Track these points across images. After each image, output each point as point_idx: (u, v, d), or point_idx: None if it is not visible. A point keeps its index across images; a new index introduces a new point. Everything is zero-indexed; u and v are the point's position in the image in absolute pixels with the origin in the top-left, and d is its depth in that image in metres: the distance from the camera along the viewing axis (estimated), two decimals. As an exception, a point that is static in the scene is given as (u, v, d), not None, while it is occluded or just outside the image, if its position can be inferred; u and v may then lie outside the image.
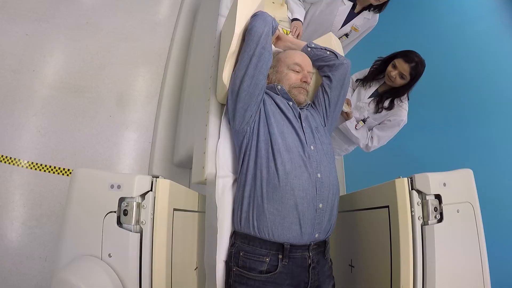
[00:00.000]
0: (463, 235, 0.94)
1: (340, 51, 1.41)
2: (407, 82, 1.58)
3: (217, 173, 1.10)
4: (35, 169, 1.79)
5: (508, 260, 1.63)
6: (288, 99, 1.19)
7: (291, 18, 1.79)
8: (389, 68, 1.61)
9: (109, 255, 0.77)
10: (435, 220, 0.92)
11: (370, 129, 1.78)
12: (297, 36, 1.71)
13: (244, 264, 0.98)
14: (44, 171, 1.80)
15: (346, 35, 1.94)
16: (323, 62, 1.31)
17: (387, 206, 1.02)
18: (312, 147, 1.09)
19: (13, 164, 1.76)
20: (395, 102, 1.65)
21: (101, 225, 0.78)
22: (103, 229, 0.78)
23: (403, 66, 1.54)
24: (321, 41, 1.45)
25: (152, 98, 2.18)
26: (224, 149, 1.15)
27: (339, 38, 1.90)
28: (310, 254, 1.00)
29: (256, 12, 1.15)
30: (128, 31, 2.30)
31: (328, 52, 1.30)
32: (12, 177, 1.74)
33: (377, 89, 1.74)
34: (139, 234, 0.80)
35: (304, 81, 1.22)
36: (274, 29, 1.18)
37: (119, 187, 0.80)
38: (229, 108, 1.12)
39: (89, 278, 0.70)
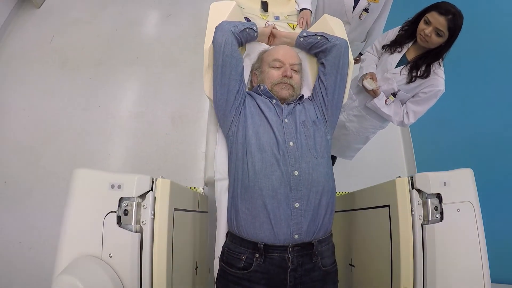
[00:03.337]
0: (464, 234, 0.93)
1: (340, 31, 1.30)
2: (445, 40, 1.32)
3: (215, 177, 1.16)
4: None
5: (508, 259, 1.63)
6: (271, 97, 1.17)
7: (298, 10, 1.69)
8: (421, 25, 1.35)
9: (110, 255, 0.77)
10: (436, 220, 0.92)
11: (403, 102, 1.56)
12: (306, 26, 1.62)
13: (227, 260, 1.02)
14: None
15: (366, 10, 1.72)
16: (317, 49, 1.26)
17: (388, 206, 1.02)
18: (291, 143, 1.05)
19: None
20: (431, 68, 1.41)
21: (102, 225, 0.78)
22: (104, 229, 0.78)
23: (438, 20, 1.28)
24: (316, 27, 1.40)
25: (203, 112, 2.40)
26: (221, 154, 1.19)
27: (359, 16, 1.77)
28: (290, 255, 0.96)
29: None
30: (173, 57, 2.64)
31: (319, 37, 1.24)
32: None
33: (404, 55, 1.51)
34: (139, 234, 0.80)
35: (285, 76, 1.18)
36: (238, 34, 1.15)
37: (119, 187, 0.80)
38: (216, 117, 1.19)
39: (89, 278, 0.70)
